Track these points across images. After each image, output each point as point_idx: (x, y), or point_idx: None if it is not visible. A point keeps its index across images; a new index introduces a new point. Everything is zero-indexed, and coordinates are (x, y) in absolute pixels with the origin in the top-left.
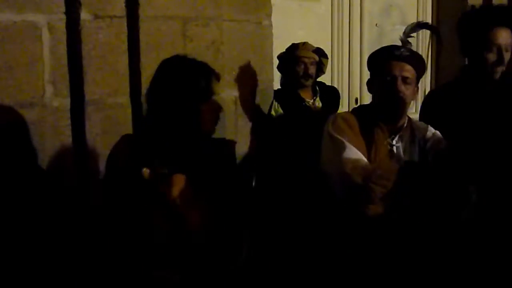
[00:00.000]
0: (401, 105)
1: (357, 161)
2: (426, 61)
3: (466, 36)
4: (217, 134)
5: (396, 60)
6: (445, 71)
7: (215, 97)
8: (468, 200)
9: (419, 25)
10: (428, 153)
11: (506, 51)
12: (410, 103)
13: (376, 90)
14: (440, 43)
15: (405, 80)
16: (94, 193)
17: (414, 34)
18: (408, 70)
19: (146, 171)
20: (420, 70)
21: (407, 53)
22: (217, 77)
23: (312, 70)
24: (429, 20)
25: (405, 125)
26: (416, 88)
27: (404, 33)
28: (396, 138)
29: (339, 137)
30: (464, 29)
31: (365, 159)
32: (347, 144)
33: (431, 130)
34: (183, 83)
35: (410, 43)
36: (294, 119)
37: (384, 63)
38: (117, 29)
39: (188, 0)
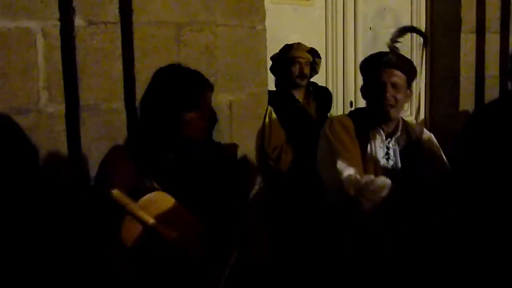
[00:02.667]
0: (391, 110)
1: (351, 171)
2: (420, 65)
3: None
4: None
5: (384, 67)
6: (439, 74)
7: (208, 105)
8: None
9: (405, 29)
10: (423, 157)
11: None
12: (402, 106)
13: (368, 96)
14: (426, 46)
15: (394, 85)
16: (89, 199)
17: (401, 39)
18: (397, 75)
19: (114, 193)
20: (409, 73)
21: (395, 59)
22: (210, 85)
23: (307, 70)
24: (422, 23)
25: (400, 127)
26: (408, 91)
27: (390, 38)
28: (393, 141)
29: (335, 143)
30: None
31: (359, 169)
32: (343, 152)
33: (426, 133)
34: (171, 91)
35: (397, 48)
36: (289, 120)
37: (373, 71)
38: (111, 34)
39: (182, 6)
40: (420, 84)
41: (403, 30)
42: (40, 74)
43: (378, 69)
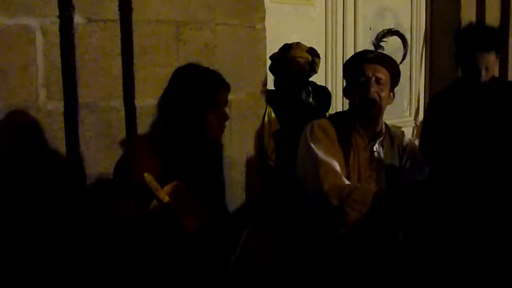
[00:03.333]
0: (375, 106)
1: (334, 180)
2: (420, 65)
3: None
4: None
5: (369, 62)
6: (438, 75)
7: (225, 105)
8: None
9: (390, 32)
10: (405, 162)
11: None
12: (385, 106)
13: (351, 93)
14: (406, 48)
15: (378, 81)
16: (87, 196)
17: (386, 39)
18: (381, 71)
19: (147, 176)
20: (393, 73)
21: (380, 56)
22: (227, 85)
23: (306, 70)
24: (422, 24)
25: (383, 130)
26: (391, 94)
27: (376, 38)
28: (377, 144)
29: (316, 150)
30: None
31: (341, 177)
32: (324, 159)
33: (407, 137)
34: (191, 92)
35: (382, 47)
36: (288, 120)
37: (358, 66)
38: (111, 32)
39: (182, 4)
40: (419, 85)
41: (388, 32)
42: (39, 71)
43: (363, 65)
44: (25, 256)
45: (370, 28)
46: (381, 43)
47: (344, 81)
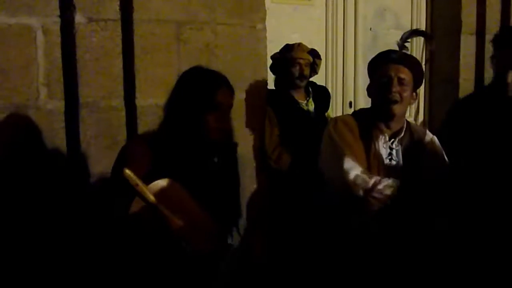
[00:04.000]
0: (397, 105)
1: (358, 170)
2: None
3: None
4: None
5: (392, 62)
6: (439, 76)
7: (229, 106)
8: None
9: (415, 32)
10: (426, 158)
11: None
12: (407, 106)
13: (374, 92)
14: (431, 49)
15: (401, 81)
16: (87, 195)
17: (410, 40)
18: (404, 72)
19: (127, 171)
20: (416, 73)
21: (404, 56)
22: (229, 86)
23: (307, 71)
24: (423, 25)
25: (404, 128)
26: (414, 94)
27: (401, 38)
28: (396, 142)
29: (340, 143)
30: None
31: (365, 170)
32: (348, 152)
33: (429, 134)
34: (188, 94)
35: (406, 47)
36: (288, 120)
37: (381, 66)
38: (112, 32)
39: (182, 4)
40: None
41: (414, 33)
42: (40, 70)
43: (386, 64)
44: (26, 255)
45: (370, 28)
46: (406, 43)
47: (345, 82)
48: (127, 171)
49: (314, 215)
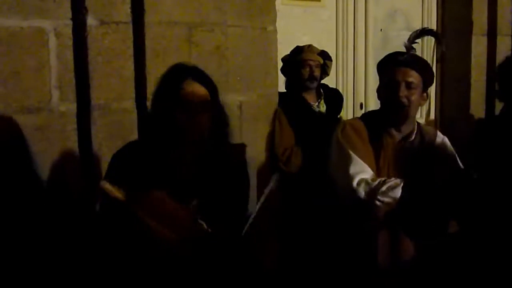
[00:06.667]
0: (404, 110)
1: (363, 175)
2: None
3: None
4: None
5: (399, 66)
6: (450, 77)
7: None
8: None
9: (423, 32)
10: (437, 160)
11: None
12: (417, 108)
13: (382, 96)
14: (442, 49)
15: (409, 85)
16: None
17: (418, 40)
18: (412, 75)
19: (104, 183)
20: (426, 75)
21: (411, 59)
22: (202, 80)
23: (317, 73)
24: (434, 26)
25: (415, 130)
26: (424, 94)
27: (408, 39)
28: (407, 144)
29: (347, 148)
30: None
31: (371, 173)
32: (354, 156)
33: (440, 136)
34: (160, 88)
35: (414, 49)
36: (299, 122)
37: (388, 69)
38: (123, 34)
39: (193, 6)
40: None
41: (422, 33)
42: (52, 73)
43: (393, 68)
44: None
45: (381, 29)
46: (414, 44)
47: (356, 83)
48: (104, 184)
49: (324, 217)
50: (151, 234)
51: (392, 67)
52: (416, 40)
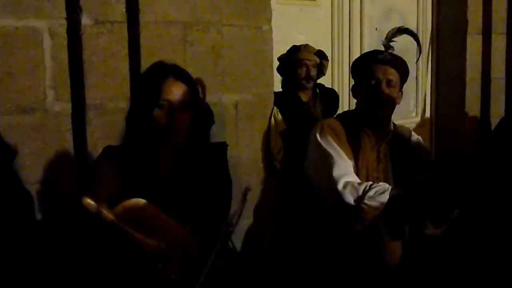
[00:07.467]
0: (386, 107)
1: (347, 178)
2: (426, 66)
3: None
4: (217, 138)
5: (379, 63)
6: (445, 76)
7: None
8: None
9: (400, 30)
10: (413, 159)
11: None
12: (394, 107)
13: (361, 94)
14: (419, 49)
15: (389, 83)
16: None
17: (396, 39)
18: (392, 73)
19: (86, 200)
20: (403, 73)
21: (390, 57)
22: (183, 79)
23: (313, 72)
24: (429, 24)
25: (391, 130)
26: (400, 93)
27: (386, 38)
28: (384, 144)
29: (327, 149)
30: None
31: (355, 175)
32: (336, 157)
33: (414, 135)
34: (140, 89)
35: (392, 47)
36: (295, 122)
37: (368, 67)
38: (118, 34)
39: (188, 6)
40: (426, 85)
41: (398, 31)
42: (47, 73)
43: (373, 66)
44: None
45: (376, 28)
46: (391, 43)
47: (351, 82)
48: (87, 200)
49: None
50: (138, 246)
51: (372, 65)
52: (393, 39)
